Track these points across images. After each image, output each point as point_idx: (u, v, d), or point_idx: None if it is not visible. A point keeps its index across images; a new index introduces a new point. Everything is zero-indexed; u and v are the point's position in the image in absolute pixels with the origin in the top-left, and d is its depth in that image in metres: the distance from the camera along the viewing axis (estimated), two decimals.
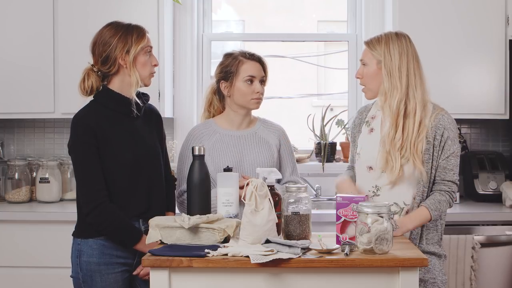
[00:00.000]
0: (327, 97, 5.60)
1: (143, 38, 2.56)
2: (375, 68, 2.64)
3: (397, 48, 2.61)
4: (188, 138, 2.87)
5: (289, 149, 2.93)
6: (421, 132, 2.57)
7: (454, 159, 2.61)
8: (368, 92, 2.69)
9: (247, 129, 2.87)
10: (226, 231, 2.27)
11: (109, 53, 2.52)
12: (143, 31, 2.58)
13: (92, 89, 2.55)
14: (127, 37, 2.53)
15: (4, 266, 3.39)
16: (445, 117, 2.62)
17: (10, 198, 3.74)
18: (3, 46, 3.64)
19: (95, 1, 3.62)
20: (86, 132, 2.48)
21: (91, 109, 2.55)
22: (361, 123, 2.77)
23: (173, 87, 3.95)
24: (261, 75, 2.83)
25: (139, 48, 2.53)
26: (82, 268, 2.51)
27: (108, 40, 2.53)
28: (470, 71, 3.64)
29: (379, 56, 2.62)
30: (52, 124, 4.02)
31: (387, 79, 2.59)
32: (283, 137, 2.92)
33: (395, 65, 2.59)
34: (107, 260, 2.51)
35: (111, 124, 2.52)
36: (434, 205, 2.55)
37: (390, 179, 2.58)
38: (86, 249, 2.51)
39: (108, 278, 2.51)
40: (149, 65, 2.58)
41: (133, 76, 2.53)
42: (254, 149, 2.82)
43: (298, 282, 2.12)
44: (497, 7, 3.61)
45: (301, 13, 5.21)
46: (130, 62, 2.53)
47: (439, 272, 2.60)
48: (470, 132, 4.03)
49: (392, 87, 2.58)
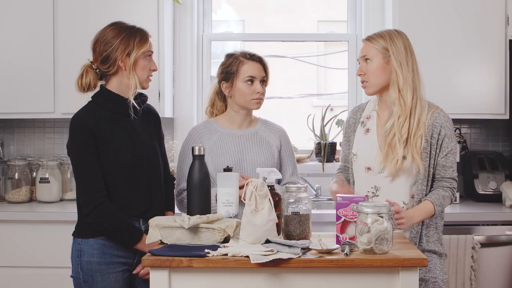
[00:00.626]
0: (327, 97, 5.59)
1: (146, 43, 2.55)
2: (381, 61, 2.62)
3: (402, 42, 2.62)
4: (189, 138, 2.87)
5: (290, 150, 2.93)
6: (420, 129, 2.58)
7: (453, 156, 2.63)
8: (370, 87, 2.66)
9: (248, 129, 2.87)
10: (226, 231, 2.27)
11: (109, 53, 2.52)
12: (146, 35, 2.57)
13: (89, 86, 2.55)
14: (130, 40, 2.52)
15: (4, 266, 3.39)
16: (441, 114, 2.63)
17: (10, 198, 3.74)
18: (3, 46, 3.64)
19: (95, 1, 3.62)
20: (84, 133, 2.48)
21: (89, 110, 2.55)
22: (355, 123, 2.76)
23: (173, 87, 3.95)
24: (262, 75, 2.82)
25: (140, 52, 2.53)
26: (83, 268, 2.51)
27: (110, 40, 2.53)
28: (470, 71, 3.64)
29: (384, 49, 2.61)
30: (52, 124, 4.02)
31: (400, 71, 2.59)
32: (284, 138, 2.91)
33: (404, 58, 2.60)
34: (107, 259, 2.51)
35: (110, 125, 2.52)
36: (438, 200, 2.56)
37: (390, 170, 2.58)
38: (87, 249, 2.51)
39: (109, 278, 2.51)
40: (147, 69, 2.58)
41: (132, 79, 2.53)
42: (254, 149, 2.82)
43: (298, 282, 2.12)
44: (497, 7, 3.61)
45: (301, 13, 5.20)
46: (130, 65, 2.52)
47: (440, 271, 2.60)
48: (470, 132, 4.03)
49: (404, 79, 2.58)
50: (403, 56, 2.60)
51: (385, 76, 2.62)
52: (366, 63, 2.65)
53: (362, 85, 2.69)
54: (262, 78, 2.83)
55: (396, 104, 2.59)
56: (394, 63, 2.59)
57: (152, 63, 2.61)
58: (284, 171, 2.88)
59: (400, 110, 2.58)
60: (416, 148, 2.57)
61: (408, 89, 2.58)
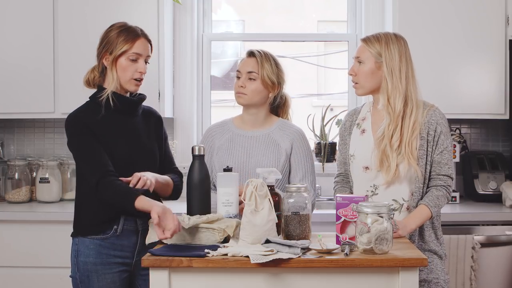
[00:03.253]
0: (327, 97, 5.59)
1: (128, 43, 2.52)
2: (372, 66, 2.62)
3: (397, 49, 2.61)
4: (202, 137, 2.89)
5: (303, 154, 2.78)
6: (415, 130, 2.58)
7: (448, 153, 2.63)
8: (360, 89, 2.67)
9: (260, 130, 2.80)
10: (226, 231, 2.27)
11: (100, 49, 2.56)
12: (133, 37, 2.54)
13: (94, 81, 2.58)
14: (115, 38, 2.53)
15: (4, 266, 3.39)
16: (436, 112, 2.64)
17: (10, 198, 3.74)
18: (4, 47, 3.64)
19: (95, 2, 3.61)
20: (79, 126, 2.50)
21: (83, 108, 2.57)
22: (351, 126, 2.77)
23: (173, 87, 3.95)
24: (246, 70, 2.75)
25: (120, 51, 2.51)
26: (79, 268, 2.51)
27: (102, 37, 2.57)
28: (470, 71, 3.64)
29: (377, 54, 2.61)
30: (52, 124, 4.02)
31: (389, 78, 2.59)
32: (297, 141, 2.78)
33: (396, 65, 2.59)
34: (104, 260, 2.51)
35: (105, 121, 2.52)
36: (433, 202, 2.56)
37: (386, 179, 2.58)
38: (83, 249, 2.51)
39: (105, 278, 2.50)
40: (131, 71, 2.54)
41: (109, 77, 2.54)
42: (261, 150, 2.76)
43: (298, 282, 2.12)
44: (497, 7, 3.61)
45: (301, 13, 5.20)
46: (110, 62, 2.53)
47: (441, 272, 2.60)
48: (470, 132, 4.03)
49: (393, 87, 2.58)
50: (396, 63, 2.59)
51: (375, 80, 2.63)
52: (358, 64, 2.65)
53: (353, 85, 2.70)
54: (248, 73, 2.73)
55: (385, 112, 2.60)
56: (385, 70, 2.60)
57: (139, 66, 2.55)
58: (294, 176, 2.76)
59: (389, 117, 2.59)
60: (412, 153, 2.56)
61: (398, 96, 2.58)
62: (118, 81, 2.54)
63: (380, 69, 2.61)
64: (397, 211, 2.59)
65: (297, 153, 2.78)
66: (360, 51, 2.66)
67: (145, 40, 2.58)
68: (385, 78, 2.60)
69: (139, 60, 2.55)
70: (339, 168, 2.82)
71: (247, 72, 2.75)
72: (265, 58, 2.76)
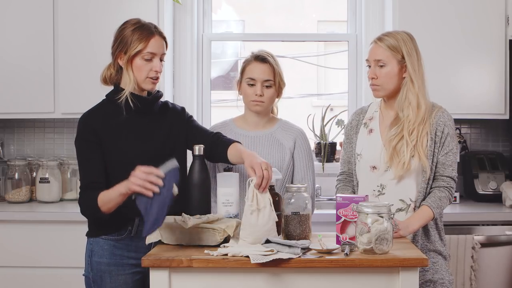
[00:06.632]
0: (327, 97, 5.60)
1: (143, 42, 2.48)
2: (395, 68, 2.60)
3: (414, 48, 2.62)
4: None
5: (304, 153, 2.79)
6: (425, 128, 2.58)
7: (453, 155, 2.63)
8: (381, 91, 2.64)
9: (263, 130, 2.80)
10: (226, 231, 2.27)
11: (114, 48, 2.53)
12: (148, 36, 2.49)
13: (111, 79, 2.56)
14: (129, 37, 2.48)
15: (4, 266, 3.39)
16: (445, 113, 2.66)
17: (10, 198, 3.74)
18: (3, 46, 3.64)
19: (95, 2, 3.61)
20: (86, 130, 2.49)
21: (98, 108, 2.56)
22: (358, 125, 2.76)
23: (173, 87, 3.95)
24: (263, 78, 2.72)
25: (135, 51, 2.48)
26: (92, 268, 2.50)
27: (117, 34, 2.53)
28: (470, 71, 3.64)
29: (400, 56, 2.59)
30: (52, 124, 4.02)
31: (415, 77, 2.59)
32: (299, 140, 2.79)
33: (416, 64, 2.60)
34: (117, 260, 2.50)
35: (117, 122, 2.50)
36: (435, 203, 2.56)
37: (398, 173, 2.57)
38: (97, 249, 2.50)
39: (118, 279, 2.49)
40: (146, 70, 2.51)
41: (125, 77, 2.51)
42: (265, 150, 2.75)
43: (298, 282, 2.12)
44: (497, 7, 3.61)
45: (301, 13, 5.21)
46: (125, 62, 2.50)
47: (446, 272, 2.61)
48: (470, 132, 4.03)
49: (419, 85, 2.59)
50: (416, 62, 2.60)
51: (397, 81, 2.61)
52: (379, 67, 2.61)
53: (373, 87, 2.65)
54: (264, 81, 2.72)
55: (412, 110, 2.58)
56: (410, 71, 2.58)
57: (154, 65, 2.52)
58: (296, 175, 2.78)
59: (415, 116, 2.58)
60: (422, 148, 2.57)
61: (423, 95, 2.59)
62: (135, 81, 2.52)
63: (402, 70, 2.61)
64: (404, 211, 2.60)
65: (299, 152, 2.79)
66: (379, 53, 2.62)
67: (160, 37, 2.53)
68: (410, 78, 2.59)
69: (154, 59, 2.51)
70: (343, 167, 2.82)
71: (263, 80, 2.73)
72: (276, 63, 2.77)
